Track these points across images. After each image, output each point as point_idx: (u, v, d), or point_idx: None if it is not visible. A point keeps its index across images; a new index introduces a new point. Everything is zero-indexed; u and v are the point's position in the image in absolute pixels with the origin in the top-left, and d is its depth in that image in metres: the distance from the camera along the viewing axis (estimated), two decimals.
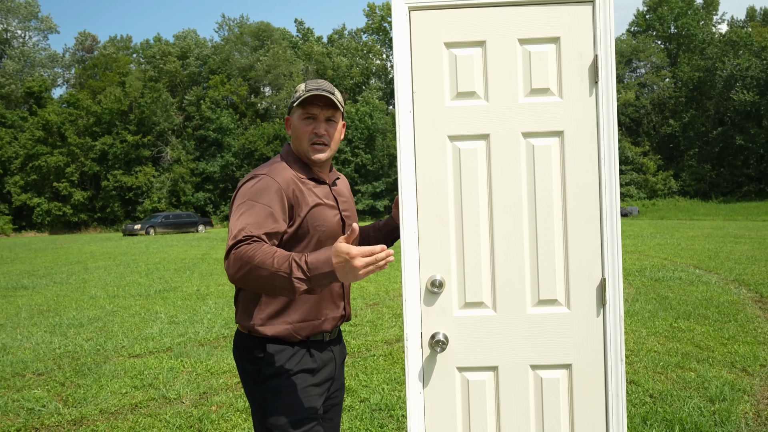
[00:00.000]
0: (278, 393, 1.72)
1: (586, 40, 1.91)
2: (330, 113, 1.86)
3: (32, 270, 13.43)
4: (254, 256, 1.49)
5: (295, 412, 1.72)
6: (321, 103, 1.83)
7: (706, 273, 9.27)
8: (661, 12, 46.69)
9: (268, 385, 1.73)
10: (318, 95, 1.81)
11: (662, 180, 41.28)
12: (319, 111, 1.84)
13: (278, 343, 1.75)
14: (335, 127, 1.90)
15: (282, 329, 1.75)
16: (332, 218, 1.85)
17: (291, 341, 1.77)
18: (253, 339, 1.76)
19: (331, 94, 1.82)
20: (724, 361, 4.61)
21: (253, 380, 1.76)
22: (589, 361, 1.94)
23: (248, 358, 1.77)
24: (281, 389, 1.73)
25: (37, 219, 39.13)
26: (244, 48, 46.92)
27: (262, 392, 1.73)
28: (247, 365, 1.77)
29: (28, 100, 42.40)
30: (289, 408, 1.72)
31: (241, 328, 1.80)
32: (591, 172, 1.91)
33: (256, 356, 1.75)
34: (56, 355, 5.37)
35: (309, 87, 1.84)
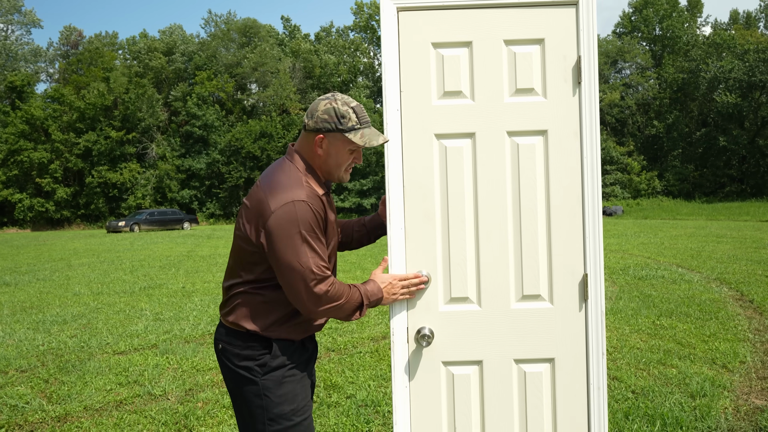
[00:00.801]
0: (281, 383, 1.77)
1: (569, 42, 1.95)
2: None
3: (14, 267, 13.28)
4: (341, 294, 1.77)
5: (297, 400, 1.79)
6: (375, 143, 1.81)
7: (688, 272, 9.41)
8: (647, 14, 47.15)
9: (272, 376, 1.77)
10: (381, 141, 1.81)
11: (646, 180, 41.72)
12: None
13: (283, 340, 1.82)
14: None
15: (284, 333, 1.80)
16: (336, 228, 1.93)
17: (293, 339, 1.83)
18: (254, 336, 1.78)
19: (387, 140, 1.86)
20: (705, 357, 4.69)
21: (254, 374, 1.77)
22: (572, 355, 1.98)
23: (249, 355, 1.78)
24: (284, 379, 1.78)
25: (19, 215, 38.63)
26: (231, 44, 46.65)
27: (265, 383, 1.76)
28: (246, 362, 1.78)
29: (10, 95, 41.81)
30: (292, 397, 1.78)
31: (239, 327, 1.80)
32: (574, 171, 1.95)
33: (259, 352, 1.78)
34: (40, 352, 5.33)
35: (363, 120, 1.79)
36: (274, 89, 43.11)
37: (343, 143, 1.80)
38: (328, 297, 1.72)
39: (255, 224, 1.73)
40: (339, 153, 1.81)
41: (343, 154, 1.82)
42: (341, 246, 2.21)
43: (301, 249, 1.68)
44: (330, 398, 3.93)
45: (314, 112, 1.79)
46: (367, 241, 2.22)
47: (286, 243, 1.67)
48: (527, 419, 1.99)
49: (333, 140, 1.79)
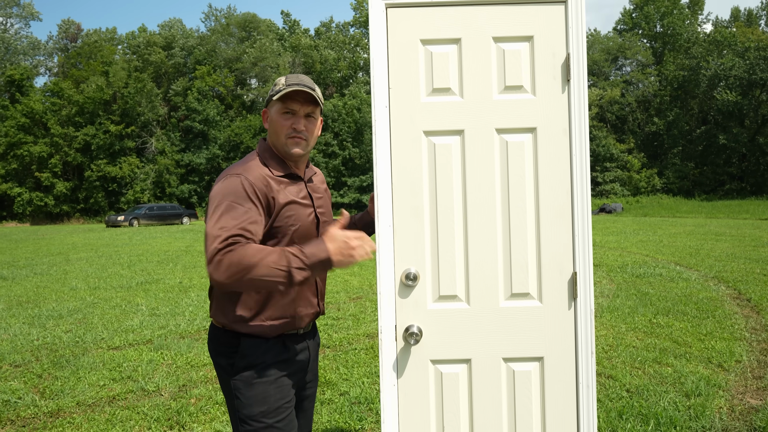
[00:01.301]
0: (251, 384, 1.73)
1: (558, 39, 1.93)
2: (310, 109, 1.85)
3: (12, 261, 13.28)
4: (246, 256, 1.51)
5: (268, 403, 1.73)
6: (301, 98, 1.82)
7: (686, 270, 9.40)
8: (648, 11, 47.03)
9: (242, 377, 1.74)
10: (299, 91, 1.80)
11: (646, 177, 41.70)
12: (299, 107, 1.82)
13: (253, 337, 1.76)
14: (314, 124, 1.89)
15: (257, 328, 1.76)
16: (306, 217, 1.84)
17: (266, 337, 1.78)
18: (228, 333, 1.77)
19: (312, 90, 1.81)
20: (700, 356, 4.69)
21: (227, 373, 1.77)
22: (561, 354, 1.97)
23: (223, 352, 1.77)
24: (254, 380, 1.74)
25: (18, 209, 38.61)
26: (231, 39, 46.56)
27: (236, 383, 1.74)
28: (221, 359, 1.78)
29: (9, 88, 41.74)
30: (262, 398, 1.73)
31: (216, 322, 1.80)
32: (563, 168, 1.94)
33: (231, 350, 1.76)
34: (34, 347, 5.33)
35: (290, 82, 1.82)
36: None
37: (275, 109, 1.84)
38: (223, 262, 1.51)
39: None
40: (276, 120, 1.84)
41: (279, 119, 1.83)
42: None
43: (215, 216, 1.61)
44: (323, 395, 3.92)
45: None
46: None
47: (209, 213, 1.65)
48: (516, 418, 1.98)
49: (270, 110, 1.87)
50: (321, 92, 1.96)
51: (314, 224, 1.88)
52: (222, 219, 1.60)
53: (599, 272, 9.37)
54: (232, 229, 1.57)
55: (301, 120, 1.83)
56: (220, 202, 1.64)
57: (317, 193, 1.96)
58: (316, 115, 1.89)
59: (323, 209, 1.96)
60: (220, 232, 1.56)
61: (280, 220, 1.75)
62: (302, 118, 1.84)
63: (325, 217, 1.96)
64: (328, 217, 2.00)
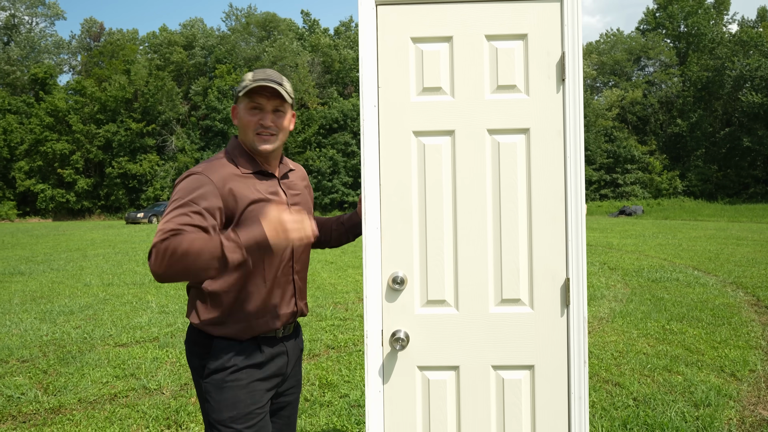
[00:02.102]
0: (221, 388, 1.69)
1: (553, 38, 1.87)
2: (277, 104, 1.79)
3: (31, 256, 13.48)
4: (179, 244, 1.47)
5: (238, 407, 1.69)
6: (268, 93, 1.76)
7: (704, 275, 9.21)
8: (672, 10, 46.30)
9: (212, 380, 1.70)
10: (265, 86, 1.74)
11: (668, 180, 41.06)
12: (266, 102, 1.77)
13: (226, 339, 1.72)
14: (283, 118, 1.82)
15: (228, 330, 1.71)
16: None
17: (239, 339, 1.73)
18: (201, 333, 1.73)
19: (279, 85, 1.76)
20: (713, 365, 4.57)
21: (199, 374, 1.73)
22: (552, 363, 1.91)
23: (196, 353, 1.74)
24: (225, 384, 1.69)
25: (41, 205, 39.30)
26: (251, 38, 46.86)
27: (206, 386, 1.70)
28: (194, 360, 1.75)
29: (34, 87, 42.50)
30: (232, 403, 1.69)
31: (191, 322, 1.77)
32: (557, 171, 1.88)
33: (203, 350, 1.72)
34: (42, 342, 5.38)
35: (256, 77, 1.77)
36: (293, 84, 43.21)
37: (243, 105, 1.80)
38: (163, 252, 1.47)
39: None
40: (243, 116, 1.79)
41: (246, 115, 1.79)
42: (320, 244, 2.16)
43: (168, 212, 1.59)
44: (323, 397, 3.89)
45: None
46: (346, 240, 2.15)
47: (167, 208, 1.63)
48: (505, 428, 1.92)
49: (237, 106, 1.83)
50: (291, 87, 1.89)
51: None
52: (169, 215, 1.57)
53: (614, 276, 9.21)
54: (174, 224, 1.53)
55: (269, 115, 1.78)
56: (174, 200, 1.62)
57: (293, 190, 1.90)
58: (284, 110, 1.82)
59: (300, 206, 1.90)
60: (164, 227, 1.53)
61: (245, 218, 1.69)
62: (269, 113, 1.78)
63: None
64: (307, 214, 1.93)
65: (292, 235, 1.52)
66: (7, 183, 40.22)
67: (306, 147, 41.85)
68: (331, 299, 7.44)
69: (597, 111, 43.34)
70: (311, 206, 2.00)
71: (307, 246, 1.94)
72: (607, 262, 10.95)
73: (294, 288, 1.85)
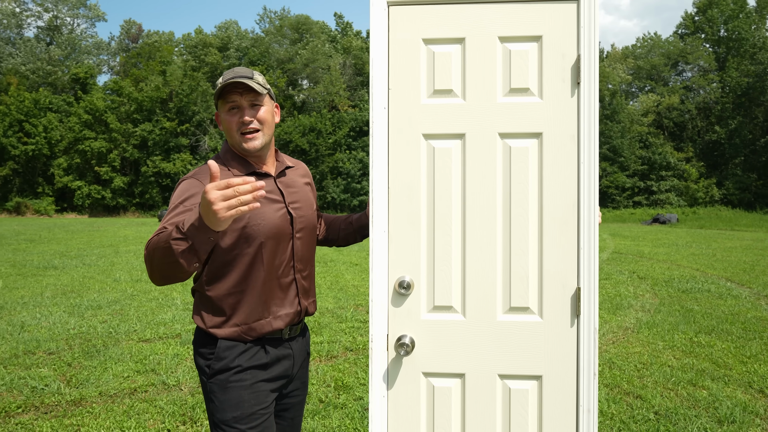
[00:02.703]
0: (225, 388, 1.70)
1: (569, 40, 1.82)
2: (252, 98, 1.76)
3: (65, 251, 13.83)
4: (149, 244, 1.47)
5: (242, 408, 1.69)
6: (239, 90, 1.74)
7: (737, 286, 8.93)
8: (711, 14, 45.16)
9: (217, 380, 1.70)
10: (234, 83, 1.72)
11: (704, 188, 40.03)
12: (239, 98, 1.75)
13: (231, 339, 1.73)
14: (263, 111, 1.79)
15: (231, 332, 1.72)
16: (273, 213, 1.77)
17: (243, 340, 1.74)
18: (207, 334, 1.74)
19: (248, 79, 1.74)
20: (740, 380, 4.42)
21: (205, 375, 1.74)
22: (561, 374, 1.86)
23: (201, 353, 1.75)
24: (229, 384, 1.70)
25: (78, 201, 40.35)
26: (284, 40, 47.34)
27: (211, 386, 1.71)
28: (200, 360, 1.75)
29: (74, 86, 43.71)
30: (235, 403, 1.69)
31: (197, 324, 1.77)
32: (570, 177, 1.83)
33: (208, 351, 1.73)
34: (69, 336, 5.50)
35: (225, 77, 1.76)
36: (324, 85, 43.49)
37: (221, 109, 1.79)
38: (145, 257, 1.49)
39: None
40: (225, 119, 1.79)
41: (226, 117, 1.78)
42: (327, 242, 2.15)
43: (165, 216, 1.61)
44: (338, 399, 3.88)
45: None
46: (353, 240, 2.14)
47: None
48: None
49: (218, 112, 1.82)
50: (263, 78, 1.85)
51: (287, 220, 1.81)
52: (163, 221, 1.59)
53: (643, 285, 9.00)
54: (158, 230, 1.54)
55: (246, 111, 1.76)
56: (170, 206, 1.65)
57: (292, 188, 1.89)
58: (260, 102, 1.79)
59: (299, 204, 1.88)
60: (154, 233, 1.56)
61: (240, 219, 1.69)
62: (247, 109, 1.76)
63: (301, 212, 1.88)
64: (306, 212, 1.91)
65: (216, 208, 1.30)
66: (47, 179, 41.42)
67: (336, 149, 42.06)
68: (353, 301, 7.45)
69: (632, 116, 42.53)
70: (313, 203, 1.98)
71: (310, 244, 1.92)
72: (636, 270, 10.71)
73: (297, 287, 1.84)
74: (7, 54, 44.11)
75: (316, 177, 40.99)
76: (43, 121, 40.45)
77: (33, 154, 40.14)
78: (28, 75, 43.42)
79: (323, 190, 40.94)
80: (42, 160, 41.09)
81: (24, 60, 43.73)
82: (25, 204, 39.56)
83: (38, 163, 41.05)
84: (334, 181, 41.32)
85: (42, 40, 46.70)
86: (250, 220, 1.70)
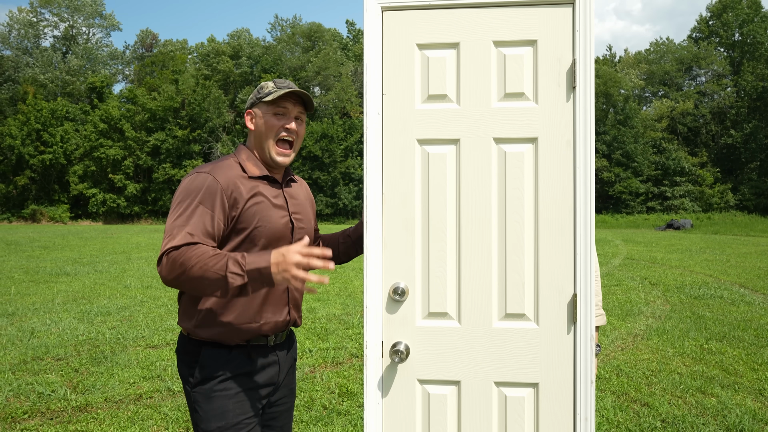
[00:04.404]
0: (210, 397, 1.68)
1: (564, 44, 1.81)
2: (299, 110, 1.88)
3: (78, 258, 13.96)
4: (190, 257, 1.51)
5: (226, 418, 1.67)
6: (293, 99, 1.85)
7: (751, 293, 8.80)
8: (726, 18, 44.78)
9: (201, 389, 1.69)
10: (295, 92, 1.83)
11: (719, 193, 39.59)
12: (291, 106, 1.85)
13: (214, 346, 1.71)
14: (303, 127, 1.91)
15: (216, 332, 1.70)
16: (278, 219, 1.79)
17: (228, 344, 1.72)
18: (191, 341, 1.73)
19: (305, 93, 1.85)
20: (751, 387, 4.34)
21: (188, 383, 1.73)
22: (558, 381, 1.83)
23: (185, 361, 1.74)
24: (213, 393, 1.68)
25: (92, 209, 40.79)
26: (296, 48, 47.63)
27: (195, 395, 1.70)
28: (184, 368, 1.74)
29: (90, 95, 44.28)
30: (220, 413, 1.67)
31: (182, 329, 1.77)
32: (565, 182, 1.81)
33: (192, 359, 1.72)
34: (78, 342, 5.54)
35: (280, 85, 1.84)
36: (336, 93, 43.66)
37: (265, 109, 1.83)
38: (169, 261, 1.52)
39: None
40: (267, 120, 1.82)
41: (268, 118, 1.82)
42: None
43: (173, 215, 1.63)
44: (342, 405, 3.87)
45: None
46: (355, 253, 2.12)
47: (174, 208, 1.66)
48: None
49: (257, 111, 1.85)
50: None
51: (288, 228, 1.83)
52: (181, 218, 1.60)
53: (654, 291, 8.90)
54: (187, 231, 1.57)
55: (293, 120, 1.85)
56: (182, 200, 1.65)
57: (295, 200, 1.91)
58: (304, 119, 1.92)
59: (301, 216, 1.91)
60: (176, 232, 1.57)
61: (244, 216, 1.71)
62: (293, 118, 1.85)
63: (302, 223, 1.90)
64: (307, 225, 1.93)
65: (293, 273, 1.50)
66: (62, 186, 41.92)
67: (348, 155, 42.18)
68: (361, 307, 7.43)
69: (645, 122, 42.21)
70: (311, 219, 1.99)
71: None
72: (648, 277, 10.60)
73: (288, 297, 1.84)
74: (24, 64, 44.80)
75: (329, 183, 41.11)
76: (59, 131, 41.00)
77: (50, 163, 40.68)
78: (46, 84, 44.06)
79: (336, 196, 41.03)
80: (58, 168, 41.61)
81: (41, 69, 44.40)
82: (41, 211, 40.06)
83: (54, 171, 41.58)
84: (346, 188, 41.41)
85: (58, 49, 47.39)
86: (251, 218, 1.72)
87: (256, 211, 1.73)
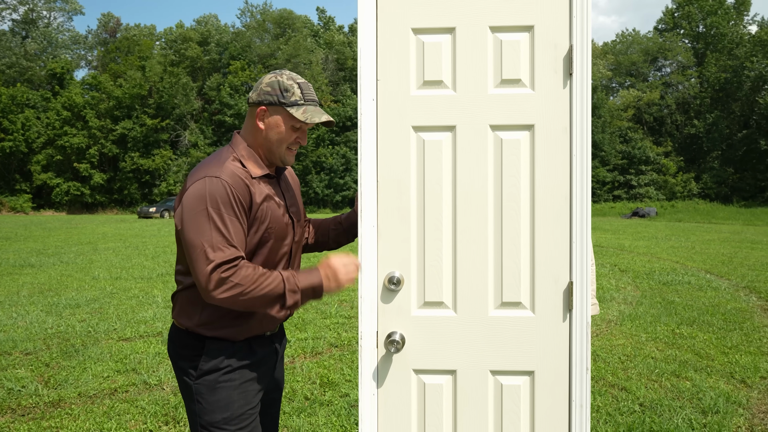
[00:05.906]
0: (214, 388, 1.65)
1: (561, 30, 1.79)
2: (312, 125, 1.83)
3: (42, 249, 13.57)
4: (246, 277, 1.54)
5: (231, 409, 1.65)
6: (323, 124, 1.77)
7: (717, 278, 9.05)
8: (690, 10, 45.73)
9: (205, 381, 1.65)
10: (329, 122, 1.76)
11: (682, 182, 40.63)
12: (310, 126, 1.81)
13: (219, 339, 1.68)
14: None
15: (224, 332, 1.67)
16: (281, 216, 1.75)
17: (232, 340, 1.69)
18: (192, 335, 1.68)
19: (328, 117, 1.76)
20: (723, 371, 4.46)
21: (189, 376, 1.68)
22: (553, 369, 1.83)
23: (185, 355, 1.68)
24: (218, 384, 1.65)
25: (56, 198, 39.69)
26: (266, 35, 46.94)
27: (198, 387, 1.65)
28: (184, 362, 1.69)
29: (51, 82, 42.89)
30: (225, 404, 1.64)
31: (179, 325, 1.71)
32: (562, 169, 1.80)
33: (194, 353, 1.67)
34: (47, 335, 5.37)
35: (308, 97, 1.74)
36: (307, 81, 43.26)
37: (285, 118, 1.72)
38: (225, 281, 1.51)
39: (177, 207, 1.64)
40: (281, 128, 1.72)
41: (286, 129, 1.72)
42: (317, 247, 2.10)
43: (204, 226, 1.54)
44: (324, 396, 3.83)
45: (259, 85, 1.73)
46: (345, 240, 2.09)
47: (192, 219, 1.56)
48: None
49: (275, 113, 1.72)
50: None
51: (290, 225, 1.80)
52: (214, 232, 1.54)
53: (624, 278, 9.08)
54: (228, 246, 1.54)
55: (305, 135, 1.80)
56: (203, 209, 1.55)
57: (288, 192, 1.87)
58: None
59: (295, 207, 1.86)
60: (217, 247, 1.53)
61: (258, 218, 1.67)
62: (306, 132, 1.80)
63: (297, 216, 1.86)
64: (300, 216, 1.89)
65: (342, 280, 1.70)
66: (24, 176, 40.67)
67: (319, 144, 41.87)
68: (337, 297, 7.40)
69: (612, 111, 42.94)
70: (300, 204, 1.94)
71: (300, 248, 1.91)
72: (618, 263, 10.81)
73: None
74: None
75: (300, 171, 40.79)
76: (20, 118, 39.66)
77: (10, 151, 39.36)
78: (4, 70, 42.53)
79: (307, 185, 40.75)
80: (19, 157, 40.31)
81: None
82: (1, 201, 38.80)
83: (15, 159, 40.26)
84: (318, 177, 41.14)
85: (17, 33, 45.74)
86: (263, 219, 1.68)
87: (266, 212, 1.69)
